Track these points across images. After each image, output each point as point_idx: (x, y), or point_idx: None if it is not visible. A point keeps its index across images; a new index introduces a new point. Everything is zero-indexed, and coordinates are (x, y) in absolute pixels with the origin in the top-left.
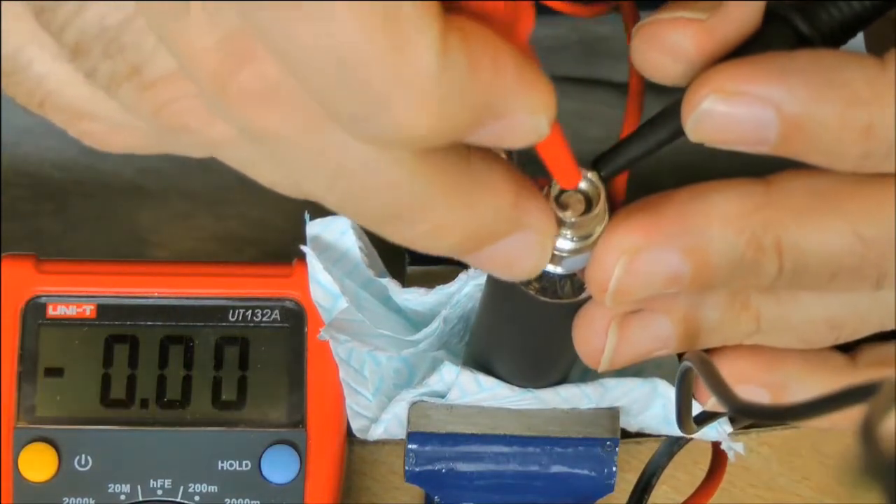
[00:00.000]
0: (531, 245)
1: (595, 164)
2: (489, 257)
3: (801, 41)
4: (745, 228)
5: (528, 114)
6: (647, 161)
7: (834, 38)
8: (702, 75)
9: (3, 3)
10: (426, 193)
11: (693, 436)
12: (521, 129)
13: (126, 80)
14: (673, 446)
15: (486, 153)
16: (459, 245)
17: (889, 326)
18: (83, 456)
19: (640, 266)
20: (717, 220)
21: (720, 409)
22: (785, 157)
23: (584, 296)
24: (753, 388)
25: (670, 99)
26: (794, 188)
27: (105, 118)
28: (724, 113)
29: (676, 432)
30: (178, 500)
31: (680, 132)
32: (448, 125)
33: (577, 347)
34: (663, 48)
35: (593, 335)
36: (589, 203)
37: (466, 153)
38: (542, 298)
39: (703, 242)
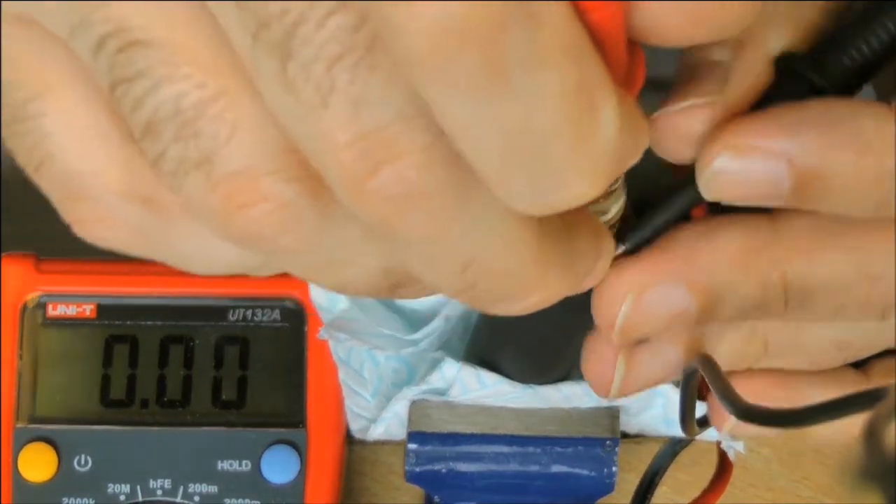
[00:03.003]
0: (601, 270)
1: (619, 237)
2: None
3: (813, 91)
4: (750, 266)
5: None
6: (647, 162)
7: (847, 86)
8: (712, 132)
9: (39, 49)
10: (540, 273)
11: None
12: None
13: (195, 169)
14: (676, 446)
15: (570, 213)
16: (559, 299)
17: None
18: (83, 456)
19: (646, 304)
20: (722, 258)
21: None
22: (800, 208)
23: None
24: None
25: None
26: (800, 224)
27: (103, 203)
28: (736, 170)
29: (677, 432)
30: (178, 500)
31: (700, 200)
32: (608, 183)
33: (586, 377)
34: (679, 138)
35: (602, 365)
36: None
37: (560, 223)
38: None
39: (710, 281)
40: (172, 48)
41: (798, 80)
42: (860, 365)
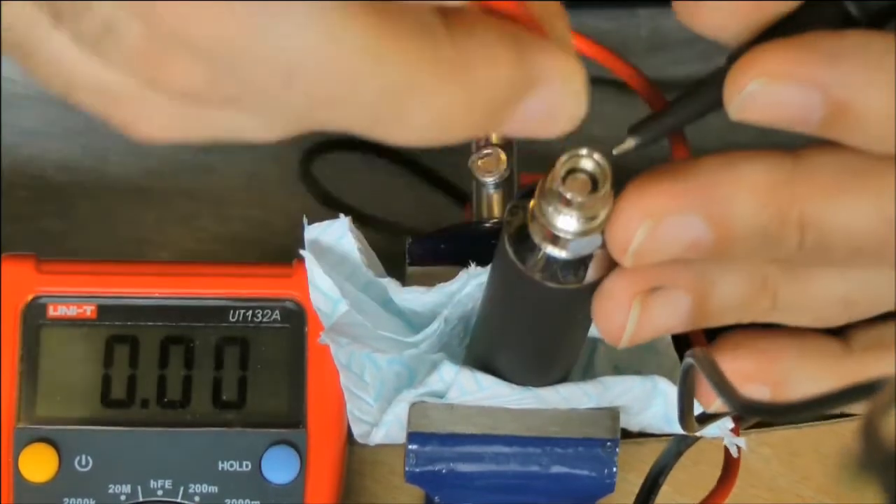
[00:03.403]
0: (559, 96)
1: (631, 130)
2: (520, 123)
3: (847, 20)
4: (770, 201)
5: None
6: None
7: (880, 19)
8: (747, 55)
9: None
10: (404, 79)
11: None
12: None
13: (103, 42)
14: (679, 445)
15: (469, 20)
16: (476, 124)
17: None
18: (83, 456)
19: (663, 229)
20: (743, 190)
21: (724, 409)
22: (825, 138)
23: (588, 281)
24: (756, 385)
25: (676, 94)
26: (822, 164)
27: (136, 98)
28: (770, 95)
29: (678, 430)
30: (179, 500)
31: (716, 105)
32: None
33: (597, 323)
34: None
35: (616, 310)
36: (595, 184)
37: (441, 26)
38: (548, 284)
39: (728, 211)
40: None
41: (834, 5)
42: (840, 334)
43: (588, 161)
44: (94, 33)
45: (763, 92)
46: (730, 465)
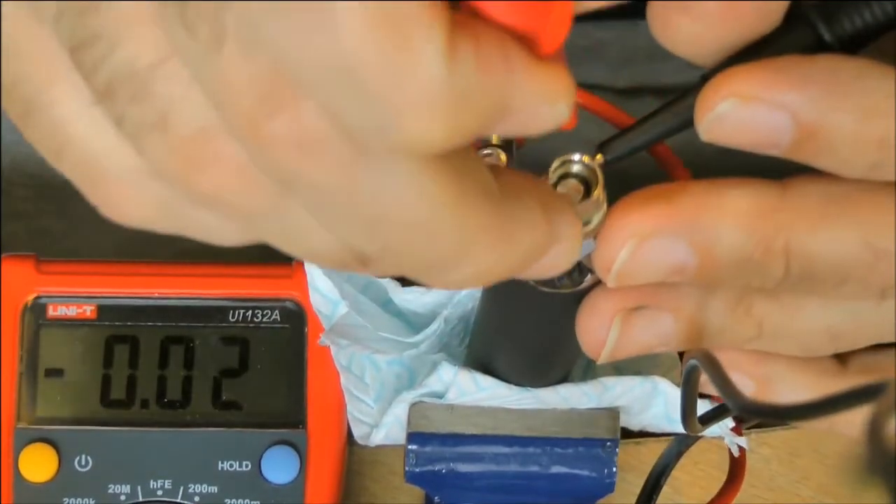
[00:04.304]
0: (563, 253)
1: (600, 147)
2: (527, 273)
3: (821, 46)
4: (756, 230)
5: (545, 104)
6: (649, 162)
7: (853, 44)
8: (719, 76)
9: (35, 40)
10: (467, 238)
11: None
12: (541, 119)
13: (152, 131)
14: (680, 445)
15: (513, 182)
16: (501, 278)
17: (886, 339)
18: (83, 456)
19: (646, 252)
20: (729, 217)
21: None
22: (794, 160)
23: (583, 286)
24: (741, 376)
25: (668, 98)
26: (809, 193)
27: (124, 181)
28: (740, 117)
29: (679, 430)
30: (179, 500)
31: (688, 124)
32: (464, 126)
33: (579, 336)
34: (689, 14)
35: (597, 325)
36: (587, 189)
37: (497, 191)
38: (542, 289)
39: (713, 238)
40: (126, 9)
41: (807, 27)
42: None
43: (579, 166)
44: (149, 121)
45: (733, 113)
46: (736, 468)
